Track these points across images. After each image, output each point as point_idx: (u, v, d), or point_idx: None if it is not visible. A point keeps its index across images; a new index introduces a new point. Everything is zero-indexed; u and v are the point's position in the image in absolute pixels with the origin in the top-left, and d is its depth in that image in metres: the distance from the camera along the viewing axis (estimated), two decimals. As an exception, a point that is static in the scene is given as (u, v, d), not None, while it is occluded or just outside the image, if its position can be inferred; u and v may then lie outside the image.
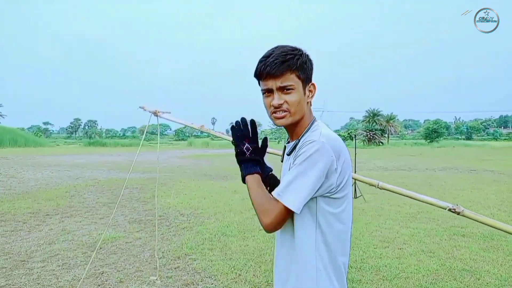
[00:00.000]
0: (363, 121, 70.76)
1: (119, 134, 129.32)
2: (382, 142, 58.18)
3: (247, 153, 1.39)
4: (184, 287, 4.04)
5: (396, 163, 20.91)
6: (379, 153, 32.80)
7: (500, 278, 4.26)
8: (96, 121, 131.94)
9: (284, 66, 1.29)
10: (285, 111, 1.33)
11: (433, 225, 6.82)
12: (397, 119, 76.32)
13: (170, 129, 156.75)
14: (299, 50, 1.34)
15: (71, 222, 7.08)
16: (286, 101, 1.32)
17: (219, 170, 16.45)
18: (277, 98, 1.32)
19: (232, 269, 4.53)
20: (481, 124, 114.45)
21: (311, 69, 1.37)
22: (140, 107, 2.12)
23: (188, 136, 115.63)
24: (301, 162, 1.26)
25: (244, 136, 1.41)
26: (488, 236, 6.00)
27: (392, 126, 67.99)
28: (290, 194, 1.26)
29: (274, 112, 1.34)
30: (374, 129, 61.17)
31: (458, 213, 1.49)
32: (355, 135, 12.33)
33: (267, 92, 1.34)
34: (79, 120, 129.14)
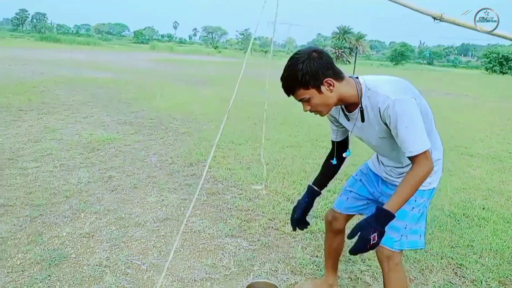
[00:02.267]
0: (333, 37, 69.31)
1: (72, 31, 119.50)
2: (349, 61, 57.82)
3: (378, 234, 1.50)
4: (210, 196, 3.64)
5: (372, 82, 20.76)
6: (348, 71, 32.63)
7: (528, 199, 4.22)
8: (45, 14, 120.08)
9: (289, 91, 1.56)
10: (316, 111, 1.61)
11: (437, 144, 6.73)
12: (365, 39, 75.45)
13: (129, 30, 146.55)
14: (299, 66, 1.50)
15: (51, 119, 6.30)
16: (311, 106, 1.58)
17: (197, 76, 15.53)
18: (304, 107, 1.59)
19: (256, 179, 4.16)
20: (443, 50, 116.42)
21: (317, 73, 1.51)
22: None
23: (149, 39, 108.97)
24: (403, 120, 1.50)
25: (375, 230, 1.50)
26: (495, 157, 5.99)
27: (361, 45, 67.26)
28: (419, 143, 1.50)
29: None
30: (343, 47, 60.37)
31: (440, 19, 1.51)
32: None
33: None
34: (26, 11, 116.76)
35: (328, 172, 1.95)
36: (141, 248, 2.64)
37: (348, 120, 1.74)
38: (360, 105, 1.62)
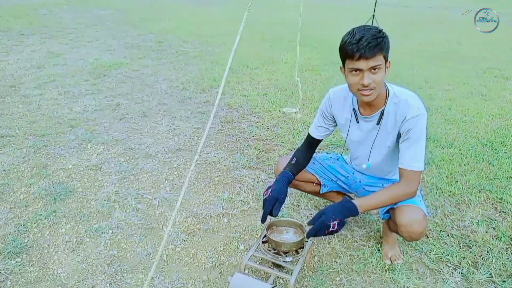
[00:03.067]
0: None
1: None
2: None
3: (338, 222, 1.44)
4: (225, 125, 3.39)
5: None
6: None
7: None
8: None
9: (377, 49, 1.38)
10: (371, 89, 1.45)
11: (468, 66, 6.21)
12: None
13: None
14: (383, 32, 1.42)
15: (54, 44, 5.95)
16: (374, 80, 1.43)
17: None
18: (367, 78, 1.42)
19: (274, 106, 3.86)
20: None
21: (389, 49, 1.44)
22: None
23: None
24: (419, 136, 1.50)
25: (335, 218, 1.45)
26: (533, 81, 5.50)
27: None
28: (422, 162, 1.52)
29: (361, 90, 1.45)
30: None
31: None
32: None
33: (355, 71, 1.43)
34: None
35: (301, 162, 1.78)
36: (152, 181, 2.45)
37: (357, 122, 1.67)
38: (382, 109, 1.57)
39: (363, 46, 1.36)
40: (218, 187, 2.44)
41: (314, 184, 1.94)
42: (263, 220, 1.60)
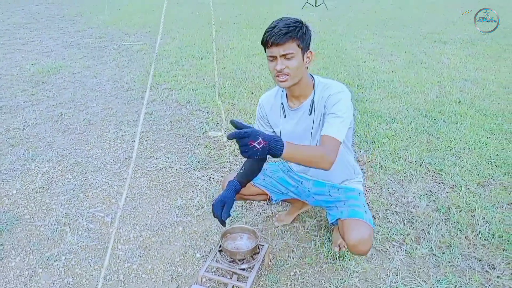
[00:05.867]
0: None
1: None
2: None
3: (263, 142, 1.23)
4: (175, 124, 3.35)
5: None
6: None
7: (502, 85, 4.11)
8: None
9: (287, 36, 1.45)
10: (286, 75, 1.51)
11: (409, 32, 6.41)
12: None
13: None
14: (300, 22, 1.51)
15: (-15, 51, 5.57)
16: (287, 66, 1.49)
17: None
18: (279, 64, 1.48)
19: (223, 98, 3.84)
20: None
21: (309, 39, 1.53)
22: None
23: None
24: (344, 112, 1.52)
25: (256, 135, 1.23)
26: (468, 42, 5.78)
27: None
28: (342, 135, 1.51)
29: (277, 76, 1.51)
30: None
31: None
32: None
33: (272, 58, 1.51)
34: None
35: (250, 170, 1.77)
36: (103, 197, 2.42)
37: (285, 117, 1.70)
38: (312, 98, 1.62)
39: (274, 33, 1.45)
40: (170, 194, 2.44)
41: (265, 196, 1.98)
42: (223, 224, 1.61)
